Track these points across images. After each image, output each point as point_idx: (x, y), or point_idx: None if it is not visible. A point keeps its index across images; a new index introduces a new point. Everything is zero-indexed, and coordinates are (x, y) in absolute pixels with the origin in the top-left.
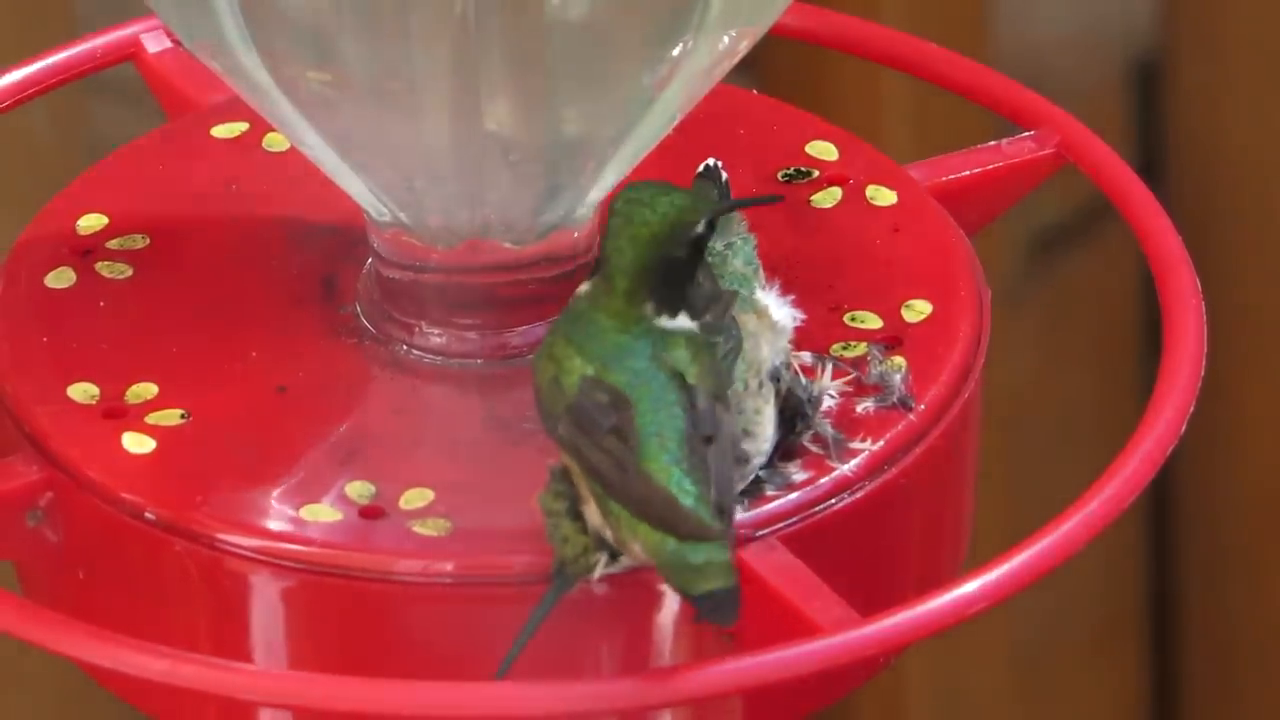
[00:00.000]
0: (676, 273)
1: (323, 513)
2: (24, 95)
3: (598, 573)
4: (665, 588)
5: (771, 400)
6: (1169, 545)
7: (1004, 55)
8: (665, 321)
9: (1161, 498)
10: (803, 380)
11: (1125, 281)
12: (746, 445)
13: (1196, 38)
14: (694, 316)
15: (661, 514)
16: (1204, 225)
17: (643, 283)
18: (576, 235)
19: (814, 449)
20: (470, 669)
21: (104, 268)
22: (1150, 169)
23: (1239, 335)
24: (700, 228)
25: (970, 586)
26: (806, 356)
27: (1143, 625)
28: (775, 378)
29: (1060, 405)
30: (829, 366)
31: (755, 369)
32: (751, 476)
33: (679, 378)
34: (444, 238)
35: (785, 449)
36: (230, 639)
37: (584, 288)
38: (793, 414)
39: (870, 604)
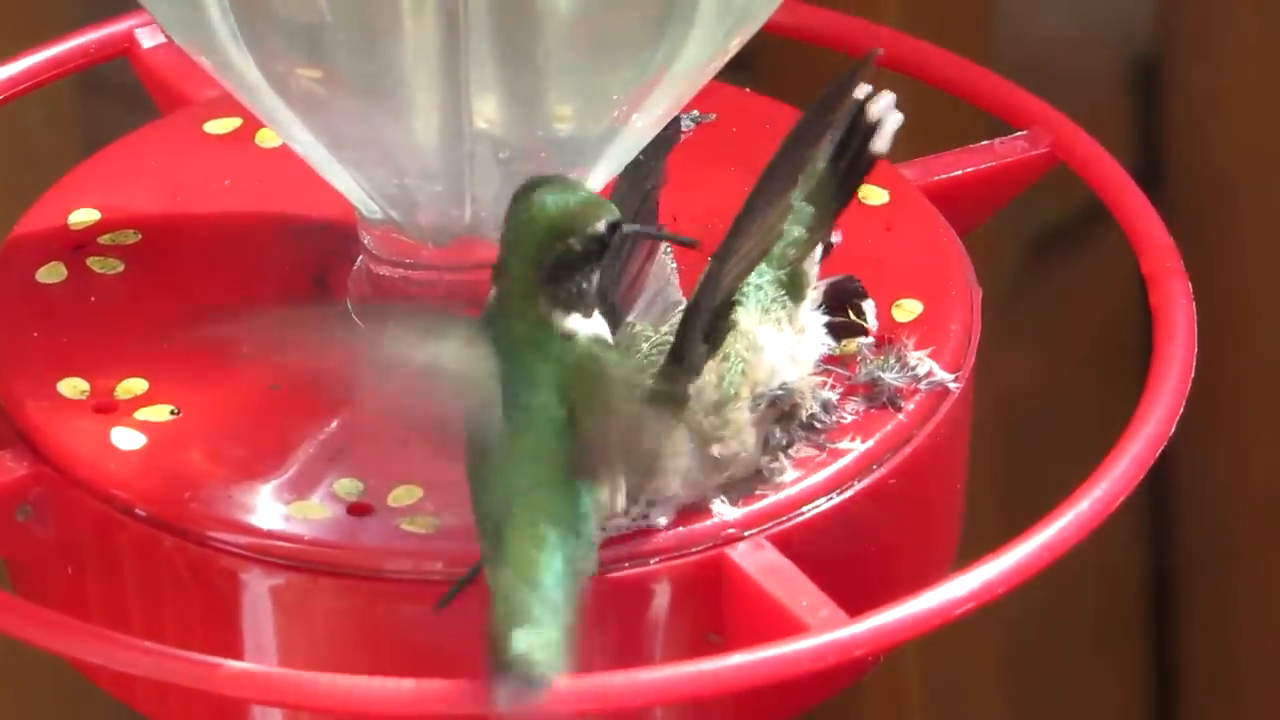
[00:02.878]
0: (571, 269)
1: (312, 510)
2: (18, 90)
3: None
4: (656, 587)
5: (761, 421)
6: (1169, 545)
7: (1003, 55)
8: (564, 321)
9: (1161, 497)
10: (817, 413)
11: (1123, 282)
12: (716, 450)
13: (1196, 38)
14: (587, 315)
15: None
16: (1203, 225)
17: (536, 274)
18: None
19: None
20: (458, 666)
21: (95, 263)
22: (1150, 169)
23: (1238, 334)
24: (600, 227)
25: (958, 586)
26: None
27: (1143, 625)
28: (773, 402)
29: (1058, 405)
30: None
31: (751, 382)
32: (722, 483)
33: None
34: (435, 235)
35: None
36: (219, 635)
37: (492, 293)
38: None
39: (859, 604)
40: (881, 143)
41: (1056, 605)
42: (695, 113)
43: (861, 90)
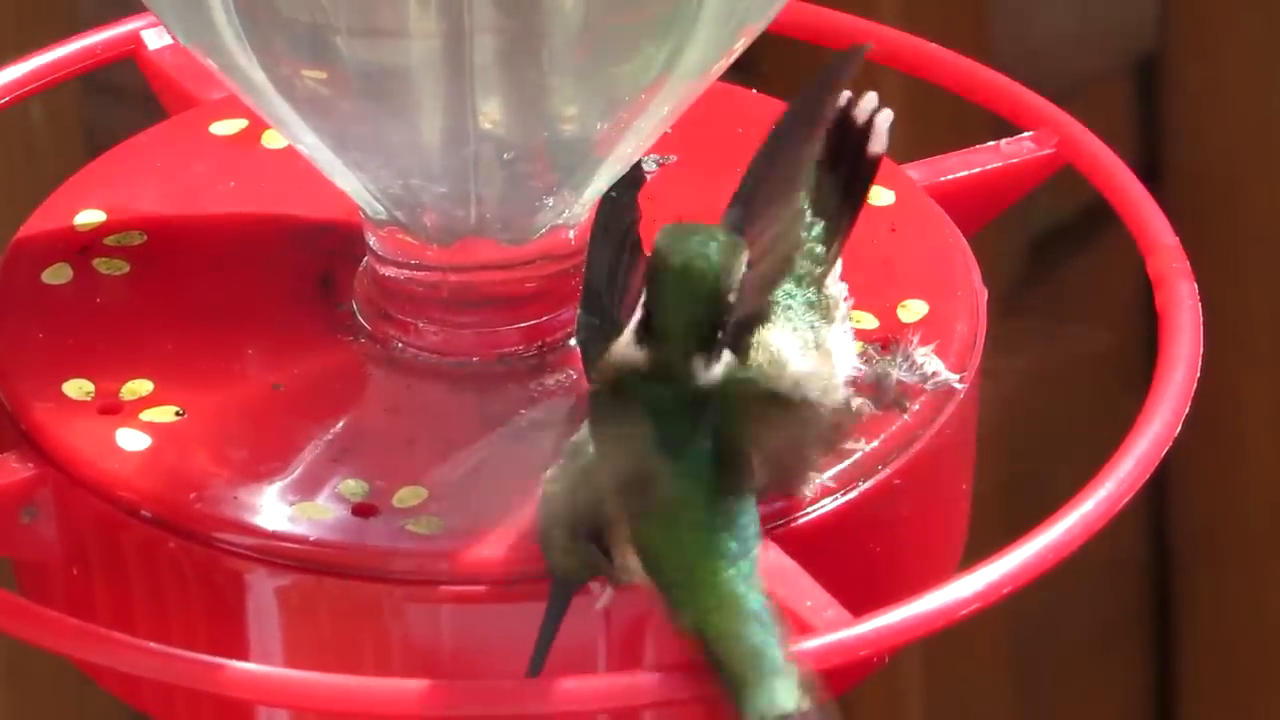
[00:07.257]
0: (724, 321)
1: (317, 511)
2: (23, 91)
3: (603, 599)
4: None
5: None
6: (1169, 545)
7: (1002, 53)
8: (715, 370)
9: (1162, 498)
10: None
11: (1125, 282)
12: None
13: (1196, 37)
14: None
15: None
16: (1203, 224)
17: (701, 338)
18: (572, 233)
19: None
20: (462, 667)
21: (101, 264)
22: (1150, 168)
23: (1239, 334)
24: (744, 269)
25: (963, 587)
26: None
27: (1143, 625)
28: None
29: (1059, 405)
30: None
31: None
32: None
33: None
34: (439, 236)
35: None
36: (224, 636)
37: (629, 352)
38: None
39: (865, 604)
40: (879, 143)
41: (1057, 603)
42: (657, 155)
43: (843, 97)
